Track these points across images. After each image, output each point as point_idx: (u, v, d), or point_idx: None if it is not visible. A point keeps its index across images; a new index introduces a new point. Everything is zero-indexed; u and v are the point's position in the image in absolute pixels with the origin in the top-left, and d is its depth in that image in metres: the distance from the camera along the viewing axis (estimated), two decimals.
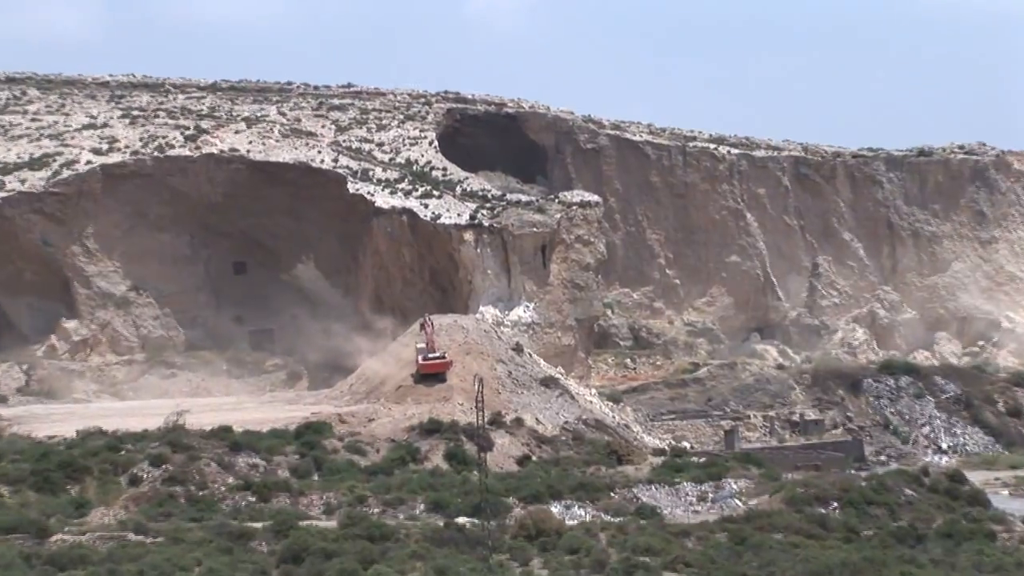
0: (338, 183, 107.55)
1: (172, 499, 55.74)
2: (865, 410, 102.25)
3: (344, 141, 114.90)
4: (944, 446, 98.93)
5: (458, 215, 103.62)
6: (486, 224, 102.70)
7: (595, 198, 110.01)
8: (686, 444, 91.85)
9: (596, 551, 49.22)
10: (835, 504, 58.17)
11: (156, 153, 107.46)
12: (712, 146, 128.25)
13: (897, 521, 56.38)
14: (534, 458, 70.15)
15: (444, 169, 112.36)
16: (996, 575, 48.58)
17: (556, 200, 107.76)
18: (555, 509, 56.79)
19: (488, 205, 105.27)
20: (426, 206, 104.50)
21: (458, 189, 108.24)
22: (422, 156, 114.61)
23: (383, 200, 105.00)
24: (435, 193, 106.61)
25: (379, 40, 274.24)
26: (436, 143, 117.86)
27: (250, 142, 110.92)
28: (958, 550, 51.70)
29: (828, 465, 77.94)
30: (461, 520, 53.26)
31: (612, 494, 60.95)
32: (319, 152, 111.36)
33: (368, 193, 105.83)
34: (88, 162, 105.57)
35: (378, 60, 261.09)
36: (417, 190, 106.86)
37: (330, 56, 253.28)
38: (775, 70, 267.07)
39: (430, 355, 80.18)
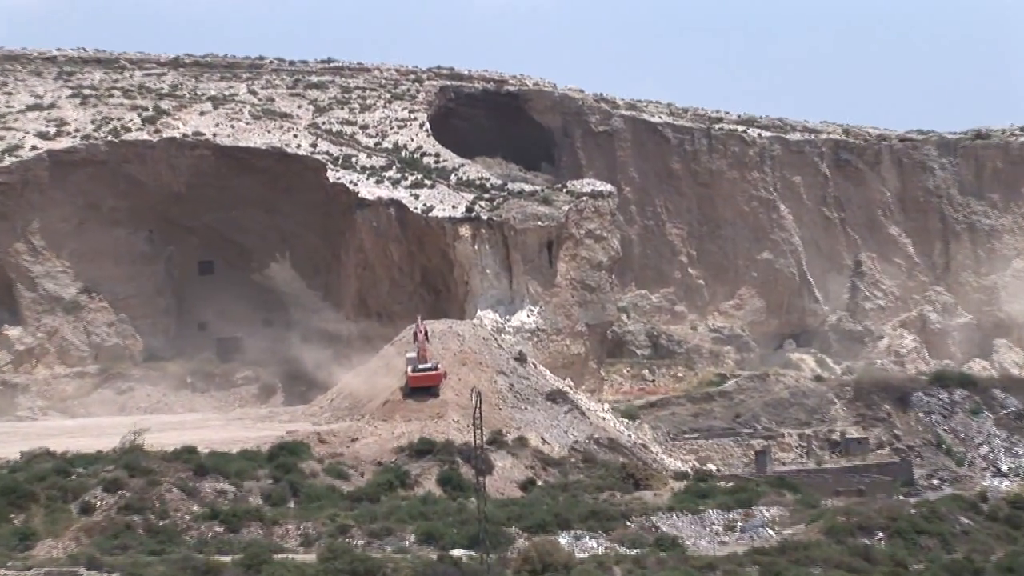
0: (317, 171, 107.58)
1: (129, 530, 55.71)
2: (915, 428, 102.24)
3: (323, 123, 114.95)
4: (1004, 468, 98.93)
5: (453, 207, 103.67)
6: (484, 217, 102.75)
7: (608, 188, 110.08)
8: (711, 466, 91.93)
9: None
10: (881, 534, 58.15)
11: (110, 137, 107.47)
12: (741, 128, 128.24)
13: (951, 553, 56.34)
14: (539, 482, 70.17)
15: (437, 155, 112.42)
16: None
17: (564, 190, 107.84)
18: (563, 540, 56.78)
19: (487, 196, 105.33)
20: (416, 197, 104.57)
21: (453, 178, 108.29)
22: (412, 140, 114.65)
23: (368, 190, 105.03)
24: (427, 182, 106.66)
25: (362, 9, 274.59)
26: (428, 125, 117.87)
27: (217, 125, 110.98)
28: None
29: (873, 490, 78.03)
30: (457, 553, 53.25)
31: (628, 523, 60.95)
32: (295, 136, 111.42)
33: (351, 182, 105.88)
34: (33, 148, 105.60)
35: (361, 32, 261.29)
36: (406, 179, 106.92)
37: (307, 28, 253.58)
38: (811, 43, 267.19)
39: (421, 366, 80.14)
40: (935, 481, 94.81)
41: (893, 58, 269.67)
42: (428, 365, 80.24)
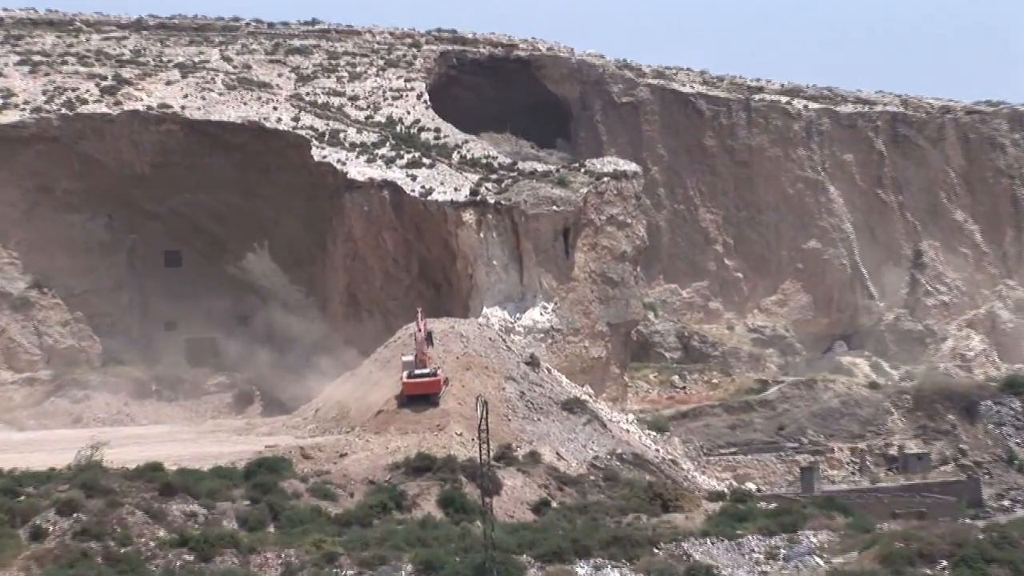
0: (300, 148, 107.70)
1: (86, 558, 55.77)
2: (983, 441, 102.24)
3: (307, 94, 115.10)
4: None
5: (455, 189, 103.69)
6: (491, 201, 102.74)
7: (633, 167, 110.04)
8: (751, 485, 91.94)
9: None
10: (944, 563, 58.14)
11: (64, 111, 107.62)
12: (784, 100, 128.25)
13: None
14: (554, 504, 70.22)
15: (437, 130, 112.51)
16: None
17: (582, 170, 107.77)
18: (581, 570, 56.84)
19: (494, 177, 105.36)
20: (413, 178, 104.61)
21: (455, 156, 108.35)
22: (408, 113, 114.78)
23: (358, 170, 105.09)
24: (425, 161, 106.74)
25: None
26: (426, 96, 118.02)
27: (185, 96, 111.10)
28: None
29: (935, 512, 77.93)
30: None
31: (656, 550, 60.99)
32: (275, 108, 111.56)
33: (338, 161, 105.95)
34: None
35: None
36: (402, 157, 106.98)
37: None
38: (864, 3, 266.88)
39: (419, 371, 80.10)
40: (1006, 502, 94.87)
41: (958, 21, 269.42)
42: (427, 370, 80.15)
